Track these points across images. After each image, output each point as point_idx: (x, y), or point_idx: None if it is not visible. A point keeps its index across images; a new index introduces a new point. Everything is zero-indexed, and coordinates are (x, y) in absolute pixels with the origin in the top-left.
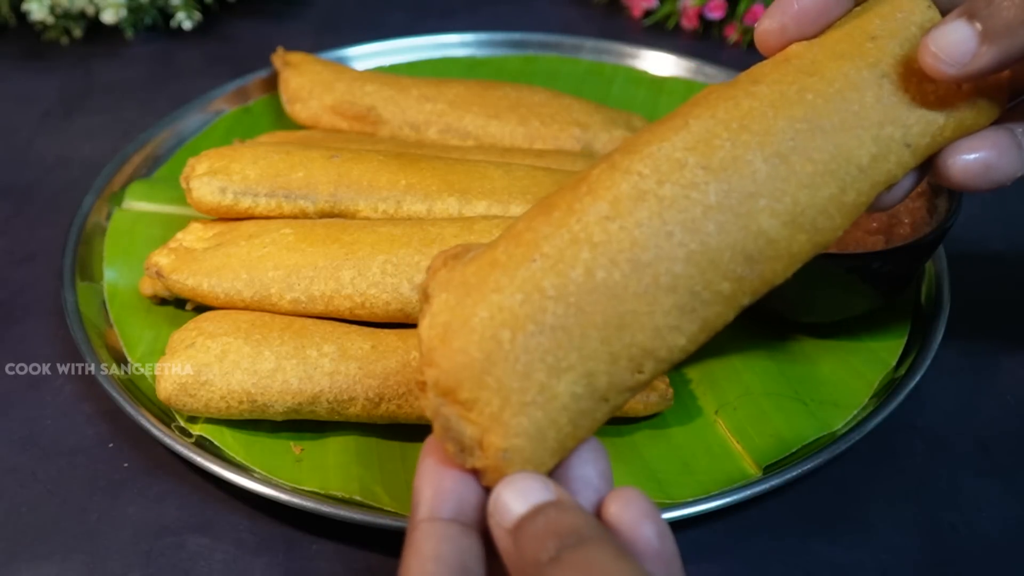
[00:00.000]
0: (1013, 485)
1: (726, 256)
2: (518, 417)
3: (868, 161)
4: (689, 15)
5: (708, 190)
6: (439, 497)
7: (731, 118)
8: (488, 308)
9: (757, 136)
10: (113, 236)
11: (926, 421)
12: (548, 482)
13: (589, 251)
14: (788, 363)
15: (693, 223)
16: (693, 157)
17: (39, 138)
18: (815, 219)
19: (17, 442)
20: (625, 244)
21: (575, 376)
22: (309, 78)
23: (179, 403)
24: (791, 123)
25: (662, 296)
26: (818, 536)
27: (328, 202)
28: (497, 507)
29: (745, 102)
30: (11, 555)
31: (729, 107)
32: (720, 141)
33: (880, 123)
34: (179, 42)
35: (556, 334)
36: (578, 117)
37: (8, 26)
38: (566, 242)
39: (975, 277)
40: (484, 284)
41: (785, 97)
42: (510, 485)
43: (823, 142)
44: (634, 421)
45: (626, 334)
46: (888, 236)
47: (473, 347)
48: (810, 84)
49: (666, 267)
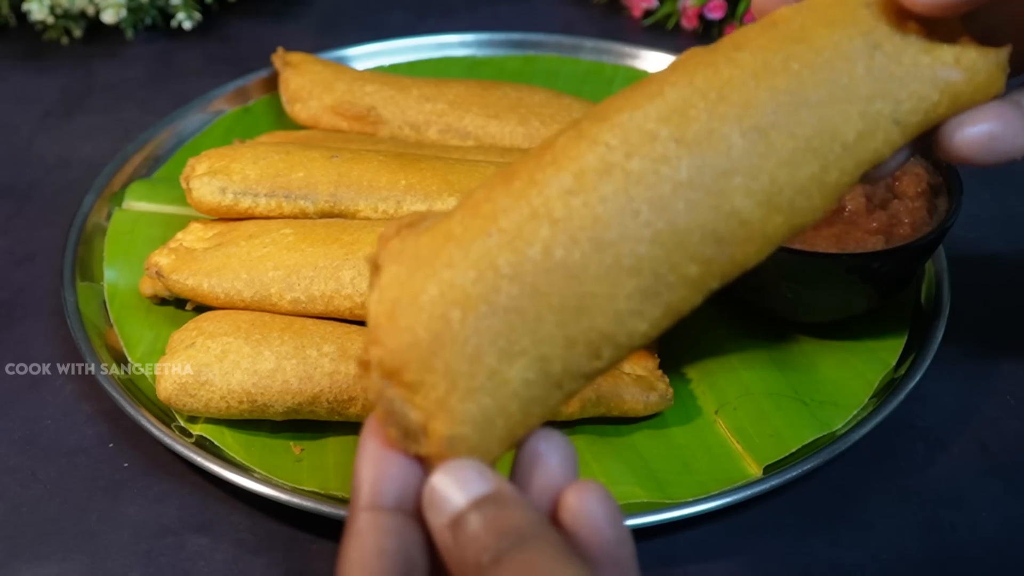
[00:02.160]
0: (1013, 485)
1: (695, 237)
2: (465, 403)
3: (854, 138)
4: (689, 15)
5: (680, 165)
6: (381, 482)
7: (709, 87)
8: (439, 285)
9: (736, 108)
10: (113, 236)
11: (926, 421)
12: (487, 471)
13: (549, 228)
14: (788, 363)
15: (661, 201)
16: (666, 129)
17: (39, 138)
18: (793, 199)
19: (17, 442)
20: (587, 221)
21: (528, 361)
22: (309, 78)
23: (179, 403)
24: (773, 95)
25: (624, 278)
26: (818, 536)
27: (328, 202)
28: (433, 499)
29: (726, 69)
30: (11, 555)
31: (708, 74)
32: (696, 112)
33: (869, 97)
34: (179, 42)
35: (509, 316)
36: (578, 117)
37: (8, 26)
38: (525, 216)
39: (975, 277)
40: (436, 258)
41: (769, 66)
42: (447, 474)
43: (807, 116)
44: (634, 421)
45: (584, 318)
46: (888, 236)
47: (421, 326)
48: (797, 52)
49: (630, 248)
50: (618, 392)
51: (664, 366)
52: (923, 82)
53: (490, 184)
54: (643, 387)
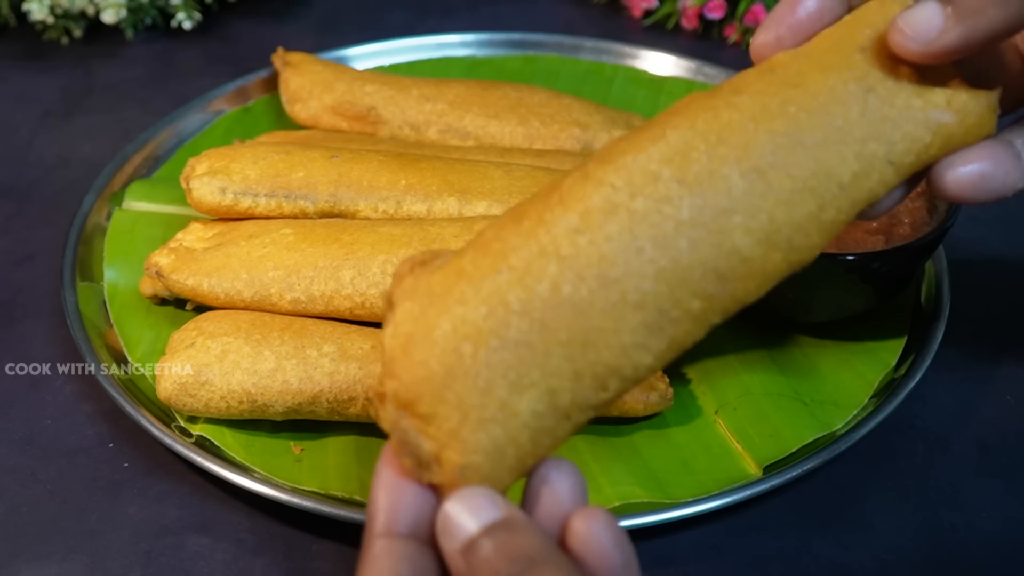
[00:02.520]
0: (1013, 485)
1: (697, 274)
2: (477, 434)
3: (849, 179)
4: (689, 15)
5: (681, 205)
6: (396, 510)
7: (709, 130)
8: (451, 320)
9: (735, 150)
10: (113, 236)
11: (926, 421)
12: (498, 499)
13: (556, 265)
14: (788, 363)
15: (664, 239)
16: (668, 170)
17: (39, 138)
18: (791, 237)
19: (17, 442)
20: (593, 259)
21: (537, 393)
22: (309, 78)
23: (179, 403)
24: (771, 137)
25: (629, 313)
26: (818, 536)
27: (328, 202)
28: (446, 525)
29: (725, 113)
30: (11, 555)
31: (708, 118)
32: (697, 154)
33: (863, 139)
34: (179, 42)
35: (519, 350)
36: (578, 117)
37: (8, 26)
38: (534, 254)
39: (975, 277)
40: (448, 295)
41: (767, 110)
42: (459, 502)
43: (804, 158)
44: (634, 421)
45: (591, 352)
46: (888, 236)
47: (434, 360)
48: (793, 96)
49: (635, 284)
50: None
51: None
52: (916, 124)
53: (500, 224)
54: (643, 387)
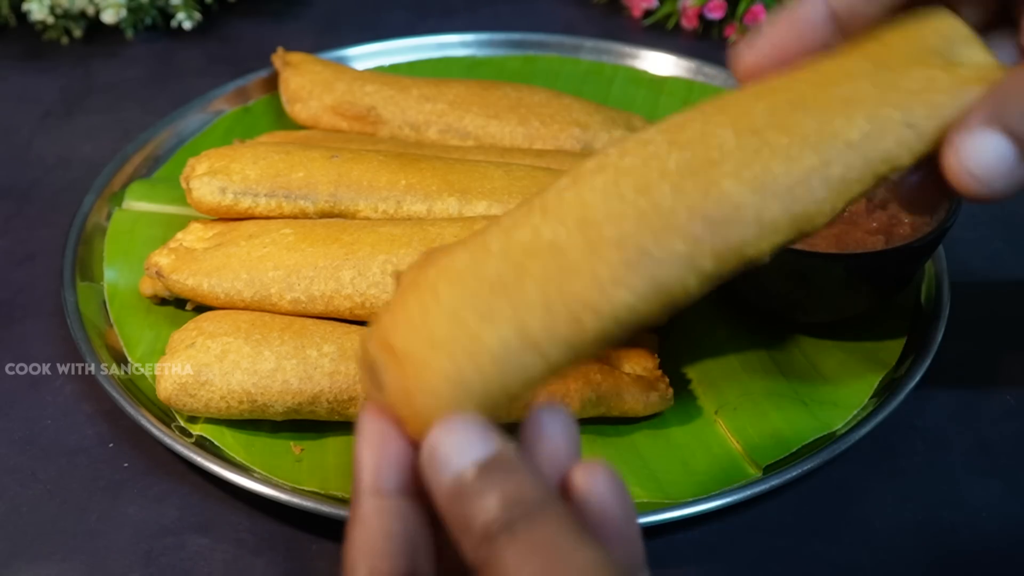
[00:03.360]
0: (1013, 485)
1: (681, 217)
2: (442, 361)
3: (859, 137)
4: (689, 15)
5: (668, 159)
6: (382, 466)
7: (711, 107)
8: (436, 269)
9: (731, 116)
10: (113, 236)
11: (926, 421)
12: (489, 430)
13: (540, 216)
14: (788, 363)
15: (647, 186)
16: (661, 136)
17: (39, 138)
18: (792, 188)
19: (17, 442)
20: (575, 205)
21: (507, 324)
22: (309, 78)
23: (179, 403)
24: (771, 104)
25: (607, 250)
26: (818, 536)
27: (328, 202)
28: (433, 459)
29: (730, 95)
30: (11, 555)
31: (713, 100)
32: (693, 123)
33: (876, 104)
34: (179, 42)
35: (492, 286)
36: (578, 117)
37: (8, 26)
38: (522, 213)
39: (975, 277)
40: (442, 253)
41: (772, 88)
42: (447, 431)
43: (804, 119)
44: (634, 421)
45: (564, 285)
46: (888, 236)
47: (413, 301)
48: (801, 77)
49: (614, 224)
50: (618, 392)
51: (664, 366)
52: (939, 91)
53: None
54: (643, 387)
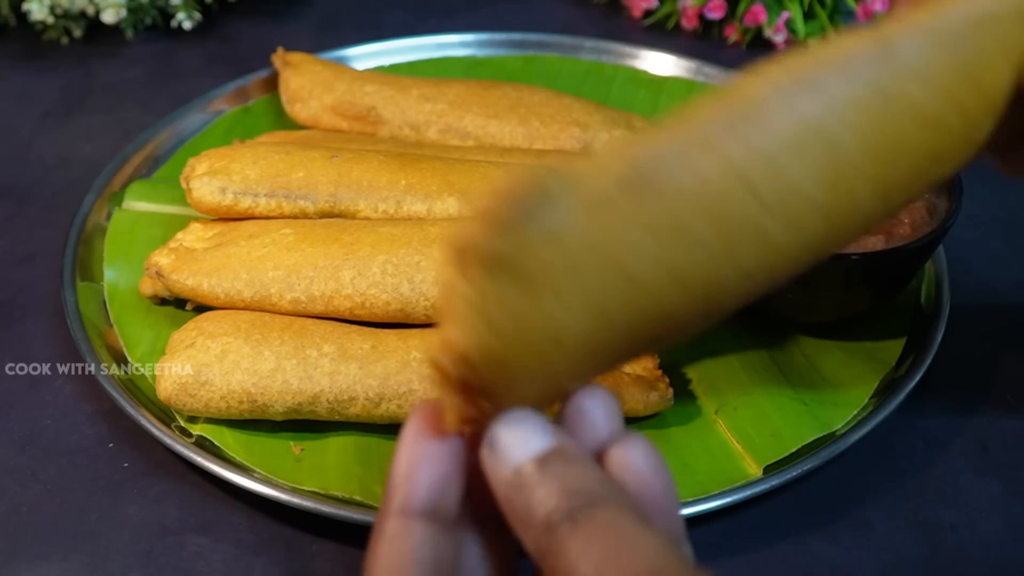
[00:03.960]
0: (1013, 485)
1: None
2: (528, 401)
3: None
4: (689, 15)
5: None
6: (420, 486)
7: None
8: (545, 320)
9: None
10: (113, 236)
11: (926, 421)
12: (548, 424)
13: (676, 290)
14: (788, 363)
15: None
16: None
17: (39, 138)
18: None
19: (17, 442)
20: (712, 285)
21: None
22: (309, 78)
23: (179, 403)
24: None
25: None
26: (818, 536)
27: (328, 202)
28: (494, 451)
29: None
30: (11, 555)
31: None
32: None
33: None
34: (179, 42)
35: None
36: (578, 117)
37: (8, 26)
38: (657, 271)
39: (975, 277)
40: (548, 281)
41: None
42: (507, 425)
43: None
44: (634, 421)
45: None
46: (888, 236)
47: (516, 357)
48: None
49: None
50: (618, 392)
51: (664, 366)
52: None
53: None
54: (643, 387)
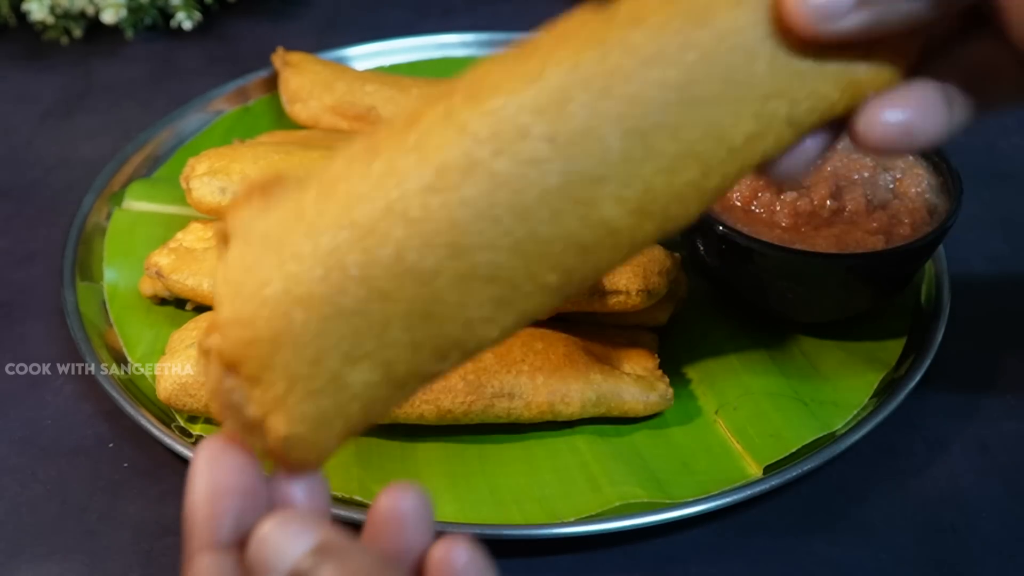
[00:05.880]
0: (1013, 485)
1: (558, 247)
2: (303, 404)
3: (742, 142)
4: None
5: (549, 170)
6: (220, 516)
7: (594, 75)
8: (284, 279)
9: (619, 104)
10: (113, 236)
11: (926, 421)
12: (315, 523)
13: (403, 228)
14: (788, 363)
15: (525, 209)
16: (540, 125)
17: (39, 138)
18: (667, 207)
19: (17, 442)
20: (444, 225)
21: (371, 364)
22: (309, 78)
23: (179, 403)
24: (663, 91)
25: (479, 287)
26: (818, 536)
27: None
28: (263, 551)
29: (615, 54)
30: (11, 555)
31: (595, 59)
32: (575, 107)
33: (766, 96)
34: (179, 42)
35: (354, 319)
36: None
37: (8, 26)
38: (380, 211)
39: (975, 277)
40: (284, 245)
41: (663, 55)
42: (277, 526)
43: (695, 117)
44: (634, 421)
45: (433, 324)
46: (888, 236)
47: (262, 322)
48: (696, 39)
49: (488, 257)
50: (618, 392)
51: (664, 366)
52: (824, 79)
53: (350, 156)
54: (643, 387)
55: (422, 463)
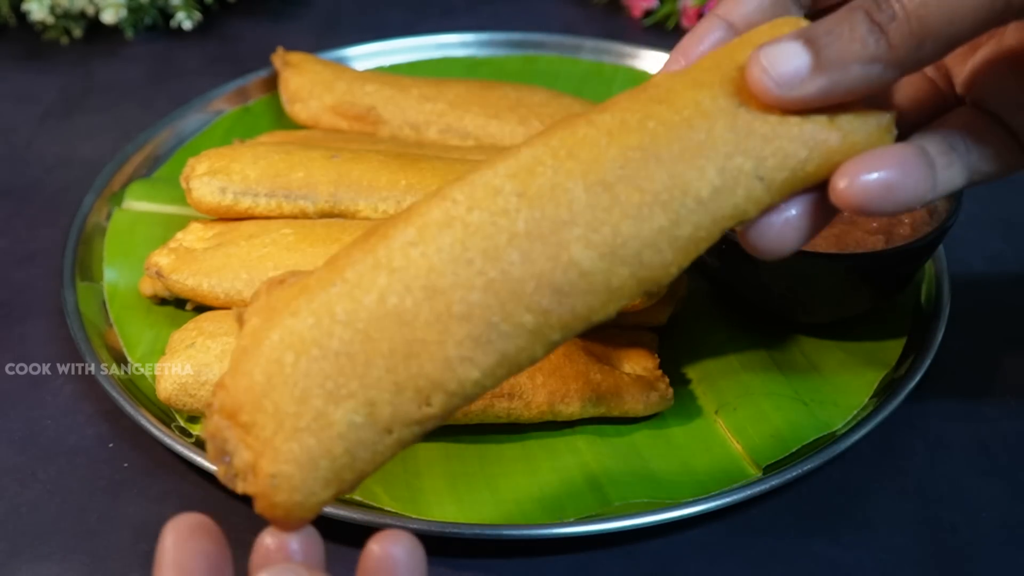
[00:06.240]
0: (1013, 485)
1: (529, 287)
2: (289, 443)
3: (709, 193)
4: (689, 15)
5: (517, 218)
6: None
7: (561, 144)
8: (280, 331)
9: (583, 164)
10: (113, 236)
11: (926, 421)
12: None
13: (387, 277)
14: (788, 363)
15: (496, 251)
16: (511, 184)
17: (39, 138)
18: (640, 252)
19: (17, 442)
20: (422, 270)
21: (355, 404)
22: (309, 78)
23: (179, 403)
24: (623, 151)
25: (455, 325)
26: (818, 536)
27: (328, 202)
28: None
29: (582, 129)
30: (11, 555)
31: (564, 134)
32: (543, 168)
33: (729, 154)
34: (179, 42)
35: (339, 360)
36: None
37: (8, 26)
38: (368, 267)
39: (975, 277)
40: (285, 308)
41: (624, 125)
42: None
43: (657, 171)
44: (634, 421)
45: (413, 363)
46: (888, 236)
47: (258, 369)
48: (656, 112)
49: (461, 295)
50: (618, 392)
51: (664, 366)
52: (790, 139)
53: (353, 241)
54: (643, 387)
55: (422, 463)
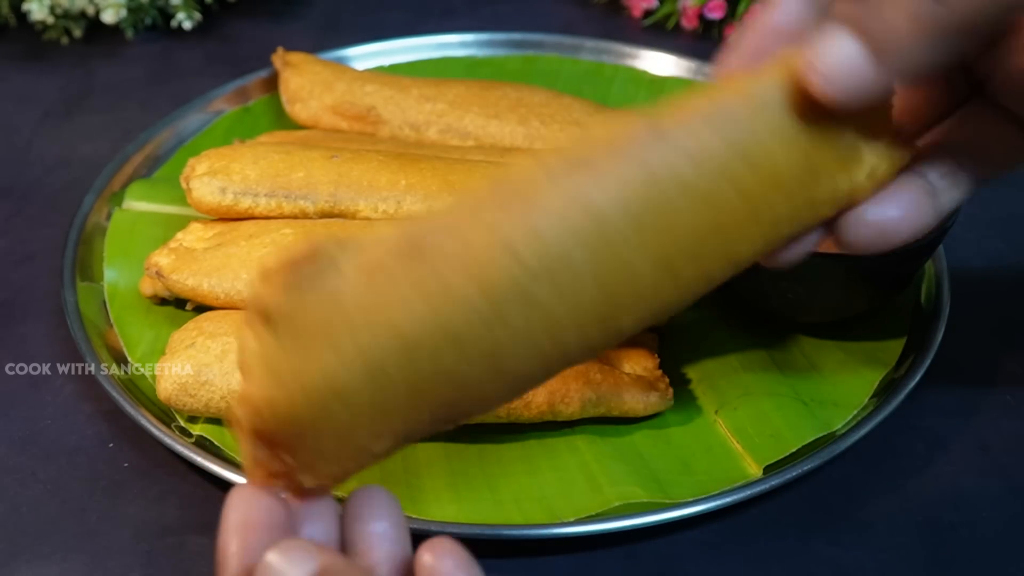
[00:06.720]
0: (1013, 485)
1: (575, 354)
2: (330, 467)
3: (748, 257)
4: (689, 15)
5: (589, 294)
6: (248, 546)
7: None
8: (323, 373)
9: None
10: (113, 236)
11: (926, 421)
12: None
13: (451, 349)
14: (788, 363)
15: (559, 335)
16: (580, 252)
17: (39, 138)
18: (670, 310)
19: (17, 442)
20: (487, 347)
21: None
22: (309, 78)
23: (179, 403)
24: (698, 228)
25: (501, 383)
26: (818, 536)
27: (328, 202)
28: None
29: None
30: (11, 555)
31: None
32: (623, 252)
33: (780, 223)
34: (179, 42)
35: (388, 412)
36: (578, 117)
37: (8, 26)
38: (428, 329)
39: (975, 277)
40: (324, 335)
41: (712, 202)
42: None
43: (716, 246)
44: (634, 421)
45: (454, 410)
46: None
47: (301, 409)
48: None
49: (520, 371)
50: (618, 392)
51: (664, 366)
52: (831, 204)
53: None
54: (643, 387)
55: (422, 463)
